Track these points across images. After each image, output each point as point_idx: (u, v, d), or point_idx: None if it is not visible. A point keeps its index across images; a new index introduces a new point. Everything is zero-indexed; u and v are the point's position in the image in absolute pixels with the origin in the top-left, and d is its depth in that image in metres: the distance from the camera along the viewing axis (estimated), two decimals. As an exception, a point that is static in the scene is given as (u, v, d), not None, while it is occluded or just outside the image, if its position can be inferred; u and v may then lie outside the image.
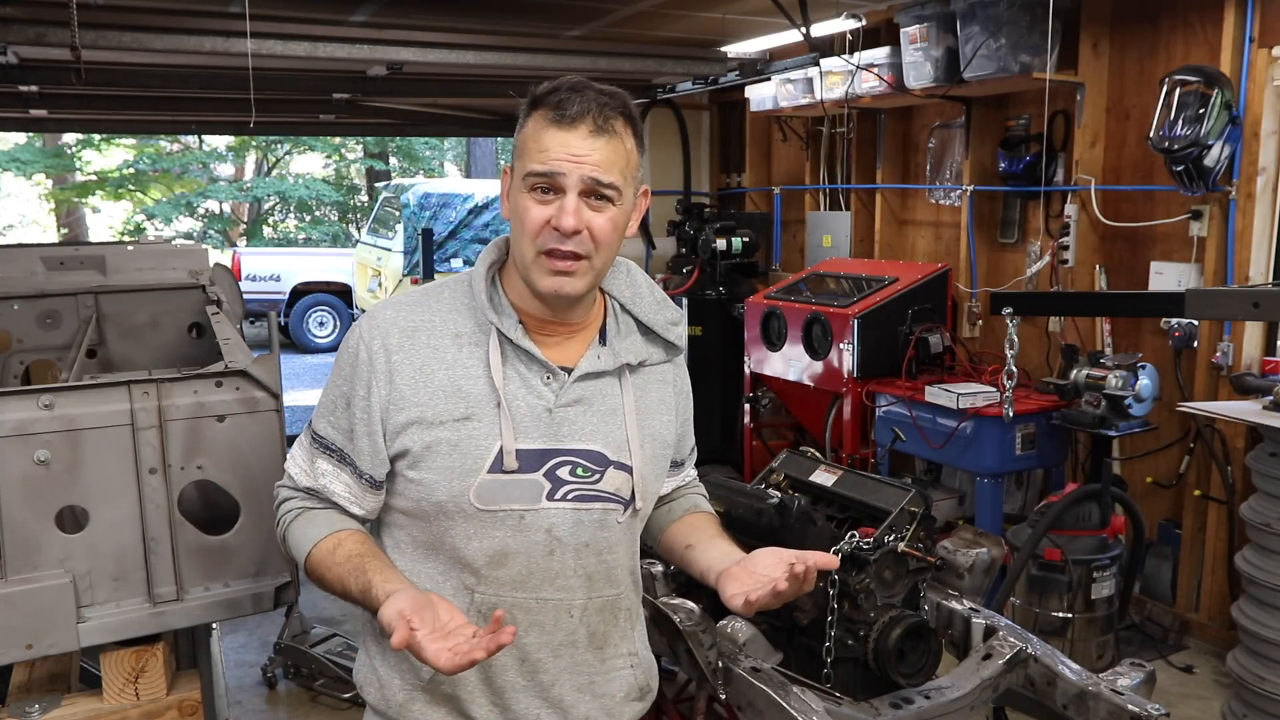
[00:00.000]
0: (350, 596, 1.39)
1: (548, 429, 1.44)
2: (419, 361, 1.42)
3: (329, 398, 1.48)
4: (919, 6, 4.68)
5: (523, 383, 1.44)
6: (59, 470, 1.72)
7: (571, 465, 1.44)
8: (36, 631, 1.71)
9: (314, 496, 1.49)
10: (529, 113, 1.41)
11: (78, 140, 17.32)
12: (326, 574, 1.43)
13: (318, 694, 3.83)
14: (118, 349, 2.86)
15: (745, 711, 1.93)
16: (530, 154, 1.38)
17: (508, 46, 5.07)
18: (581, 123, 1.36)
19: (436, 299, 1.48)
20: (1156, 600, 4.33)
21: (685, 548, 1.62)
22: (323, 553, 1.43)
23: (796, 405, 5.46)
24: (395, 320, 1.44)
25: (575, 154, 1.36)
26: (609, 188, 1.38)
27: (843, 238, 5.85)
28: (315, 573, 1.45)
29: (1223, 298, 3.10)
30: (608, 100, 1.38)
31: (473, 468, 1.40)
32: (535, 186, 1.37)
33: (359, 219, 19.66)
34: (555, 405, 1.44)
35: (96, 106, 6.77)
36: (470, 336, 1.44)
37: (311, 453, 1.49)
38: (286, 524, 1.49)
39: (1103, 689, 1.91)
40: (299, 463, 1.50)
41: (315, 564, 1.44)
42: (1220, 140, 3.78)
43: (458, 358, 1.43)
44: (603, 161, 1.37)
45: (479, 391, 1.42)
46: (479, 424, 1.41)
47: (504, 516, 1.42)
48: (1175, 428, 4.23)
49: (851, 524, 2.18)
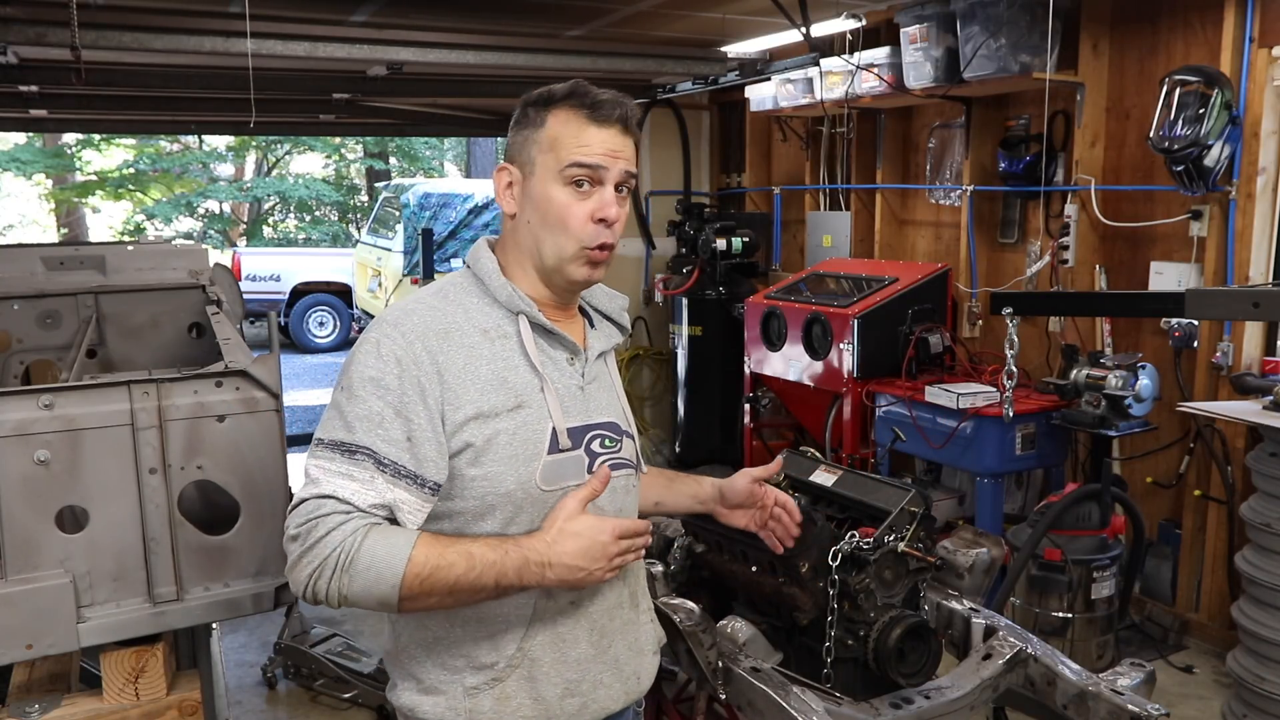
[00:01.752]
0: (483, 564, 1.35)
1: (581, 405, 1.53)
2: (462, 360, 1.44)
3: (366, 410, 1.38)
4: (919, 6, 4.68)
5: (554, 366, 1.52)
6: (59, 470, 1.72)
7: (601, 437, 1.54)
8: (36, 631, 1.71)
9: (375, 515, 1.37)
10: (548, 110, 1.48)
11: (78, 140, 17.32)
12: (442, 560, 1.33)
13: (318, 694, 3.83)
14: (118, 349, 2.86)
15: (745, 711, 1.94)
16: (569, 148, 1.46)
17: (508, 46, 5.07)
18: (616, 121, 1.48)
19: (447, 301, 1.50)
20: (1156, 600, 4.33)
21: (655, 504, 1.83)
22: (427, 545, 1.34)
23: (796, 405, 5.47)
24: (427, 324, 1.45)
25: (614, 149, 1.48)
26: (633, 179, 1.54)
27: (843, 238, 5.85)
28: (425, 568, 1.32)
29: (1223, 298, 3.10)
30: (628, 104, 1.51)
31: (534, 452, 1.45)
32: (575, 179, 1.47)
33: (359, 219, 19.67)
34: (584, 383, 1.54)
35: (96, 106, 6.76)
36: (496, 330, 1.49)
37: (363, 470, 1.37)
38: (356, 545, 1.32)
39: (1103, 689, 1.91)
40: (346, 485, 1.36)
41: (422, 561, 1.32)
42: (1220, 140, 3.78)
43: (494, 351, 1.47)
44: (631, 157, 1.52)
45: (522, 380, 1.47)
46: (530, 410, 1.46)
47: (561, 494, 1.47)
48: (1175, 428, 4.23)
49: (851, 524, 2.18)
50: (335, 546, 1.32)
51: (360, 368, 1.41)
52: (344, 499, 1.35)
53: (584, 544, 1.39)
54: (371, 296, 11.20)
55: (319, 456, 1.39)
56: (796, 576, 2.00)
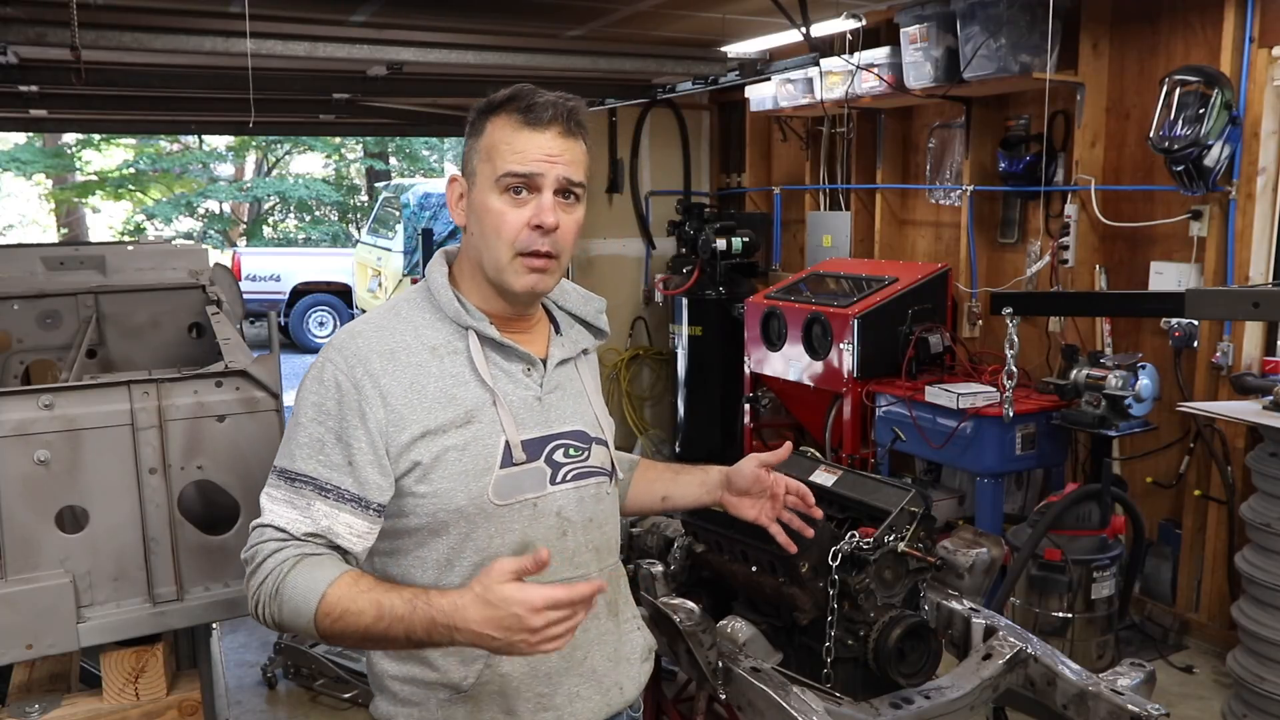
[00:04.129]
0: (391, 616, 1.29)
1: (540, 416, 1.49)
2: (407, 380, 1.41)
3: (308, 436, 1.40)
4: (919, 6, 4.68)
5: (508, 378, 1.48)
6: (59, 470, 1.72)
7: (564, 447, 1.51)
8: (36, 631, 1.71)
9: (311, 543, 1.38)
10: (487, 118, 1.44)
11: (78, 140, 17.31)
12: (352, 606, 1.30)
13: (318, 694, 3.83)
14: (118, 349, 2.86)
15: (745, 711, 1.94)
16: (503, 155, 1.41)
17: (508, 46, 5.06)
18: (553, 125, 1.42)
19: (397, 319, 1.47)
20: (1156, 600, 4.33)
21: (662, 499, 1.79)
22: (343, 587, 1.32)
23: (796, 405, 5.46)
24: (370, 346, 1.42)
25: (550, 154, 1.41)
26: (578, 186, 1.46)
27: (843, 238, 5.85)
28: (335, 610, 1.30)
29: (1223, 298, 3.10)
30: (572, 104, 1.44)
31: (485, 466, 1.43)
32: (510, 188, 1.41)
33: (359, 219, 19.65)
34: (542, 393, 1.50)
35: (96, 106, 6.76)
36: (446, 346, 1.46)
37: (301, 499, 1.38)
38: (282, 575, 1.33)
39: (1103, 689, 1.91)
40: (286, 515, 1.38)
41: (334, 602, 1.31)
42: (1220, 140, 3.78)
43: (442, 368, 1.44)
44: (573, 162, 1.44)
45: (472, 395, 1.44)
46: (481, 424, 1.43)
47: (519, 508, 1.45)
48: (1175, 428, 4.23)
49: (851, 524, 2.18)
50: (267, 574, 1.35)
51: (305, 394, 1.43)
52: (280, 528, 1.37)
53: (495, 615, 1.24)
54: (371, 296, 11.19)
55: (269, 485, 1.42)
56: (796, 576, 2.00)
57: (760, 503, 1.74)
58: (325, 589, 1.31)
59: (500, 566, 1.26)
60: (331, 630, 1.32)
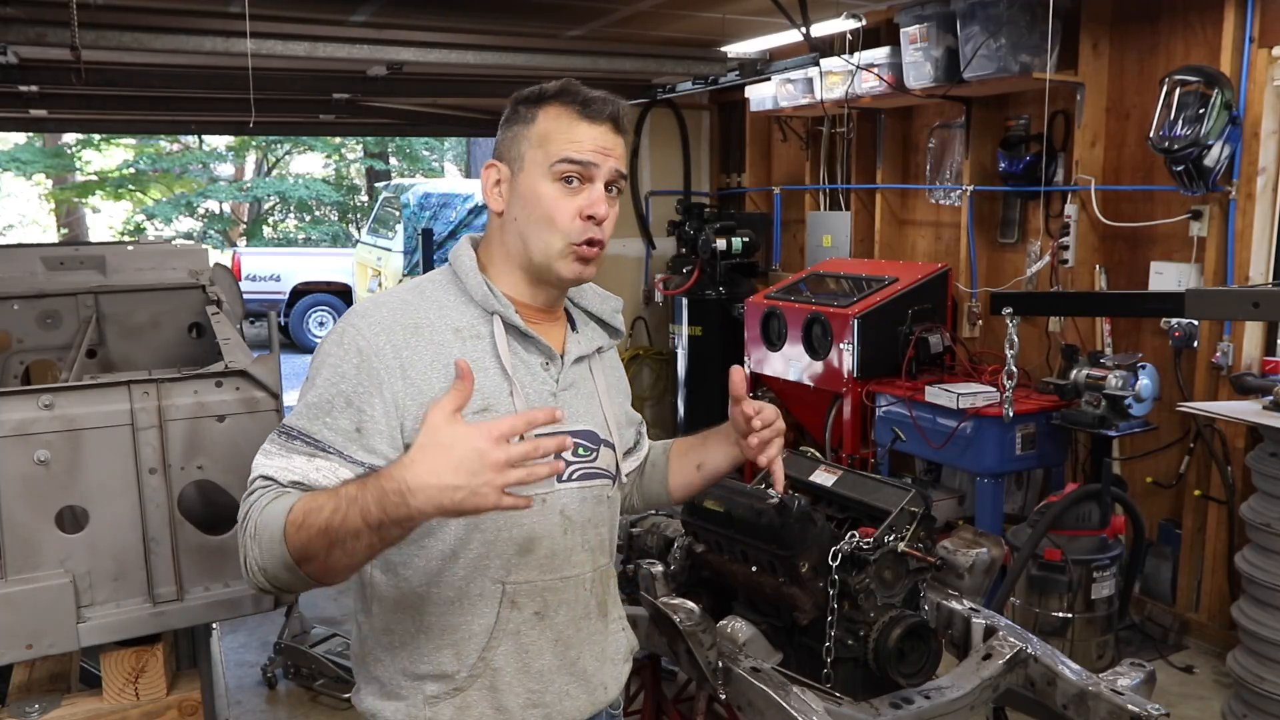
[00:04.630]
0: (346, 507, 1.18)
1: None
2: (428, 357, 1.40)
3: (320, 397, 1.36)
4: (919, 6, 4.68)
5: (527, 370, 1.48)
6: (59, 470, 1.72)
7: (574, 446, 1.50)
8: (36, 631, 1.71)
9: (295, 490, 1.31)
10: (538, 106, 1.47)
11: (78, 140, 17.31)
12: (316, 514, 1.20)
13: (318, 694, 3.82)
14: (118, 349, 2.86)
15: (745, 711, 1.93)
16: (560, 143, 1.43)
17: (508, 46, 5.07)
18: (607, 120, 1.46)
19: (422, 296, 1.47)
20: (1156, 600, 4.33)
21: (698, 468, 1.73)
22: (305, 501, 1.24)
23: (796, 405, 5.46)
24: (395, 318, 1.41)
25: (605, 147, 1.45)
26: (624, 179, 1.51)
27: (843, 238, 5.85)
28: (302, 523, 1.21)
29: (1223, 298, 3.10)
30: (619, 103, 1.48)
31: None
32: (565, 175, 1.43)
33: (359, 219, 19.66)
34: (558, 389, 1.50)
35: (96, 106, 6.76)
36: (470, 329, 1.45)
37: (291, 451, 1.33)
38: (262, 507, 1.27)
39: (1103, 689, 1.91)
40: (275, 464, 1.32)
41: (299, 514, 1.22)
42: (1220, 140, 3.78)
43: (464, 351, 1.43)
44: (622, 157, 1.49)
45: (491, 383, 1.43)
46: (497, 414, 1.41)
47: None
48: (1175, 428, 4.23)
49: (851, 524, 2.18)
50: (247, 517, 1.28)
51: (323, 355, 1.40)
52: (269, 476, 1.31)
53: (450, 459, 1.12)
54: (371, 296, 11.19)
55: (265, 444, 1.36)
56: (796, 576, 2.00)
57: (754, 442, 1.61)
58: (291, 505, 1.24)
59: (434, 414, 1.16)
60: (298, 541, 1.21)
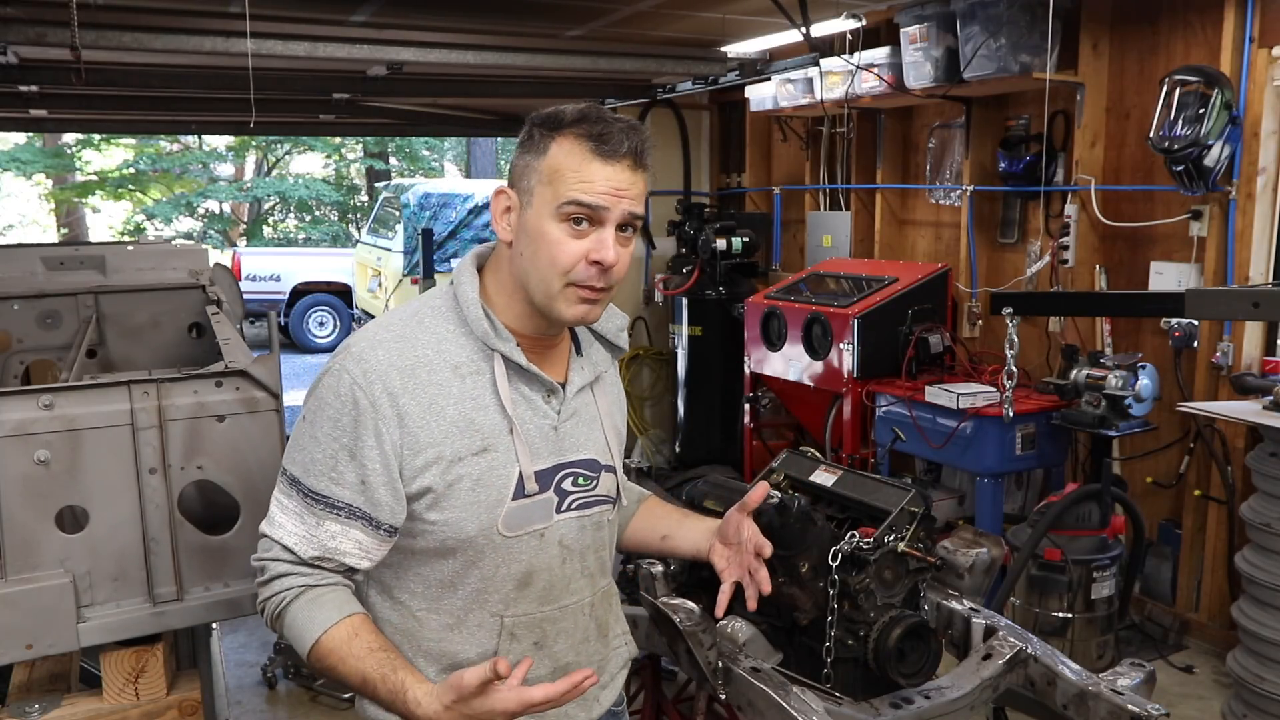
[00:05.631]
0: (370, 690, 1.34)
1: (554, 445, 1.47)
2: (426, 400, 1.37)
3: (323, 453, 1.37)
4: (919, 6, 4.68)
5: (528, 405, 1.45)
6: (59, 470, 1.72)
7: (574, 476, 1.49)
8: (36, 631, 1.71)
9: (315, 568, 1.39)
10: (552, 136, 1.38)
11: (78, 140, 17.32)
12: (341, 665, 1.34)
13: (318, 694, 3.83)
14: (118, 349, 2.86)
15: (745, 711, 1.93)
16: (570, 183, 1.35)
17: (508, 46, 5.06)
18: (624, 157, 1.37)
19: (420, 330, 1.42)
20: (1156, 600, 4.33)
21: (662, 539, 1.74)
22: (337, 641, 1.35)
23: (796, 405, 5.47)
24: (390, 361, 1.37)
25: (619, 188, 1.37)
26: (639, 219, 1.41)
27: (843, 238, 5.85)
28: (326, 660, 1.36)
29: (1223, 298, 3.10)
30: (642, 136, 1.39)
31: (498, 499, 1.40)
32: (572, 217, 1.36)
33: (359, 219, 19.66)
34: (559, 421, 1.48)
35: (96, 106, 6.76)
36: (469, 366, 1.41)
37: (312, 515, 1.38)
38: (284, 603, 1.38)
39: (1103, 689, 1.91)
40: (294, 532, 1.38)
41: (327, 652, 1.35)
42: (1220, 140, 3.78)
43: (463, 390, 1.40)
44: (638, 196, 1.40)
45: (491, 422, 1.41)
46: (497, 454, 1.40)
47: (527, 539, 1.44)
48: (1175, 428, 4.23)
49: (851, 524, 2.18)
50: (273, 594, 1.39)
51: (320, 403, 1.39)
52: (289, 547, 1.38)
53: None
54: (371, 296, 11.19)
55: (281, 490, 1.41)
56: (796, 576, 2.00)
57: (732, 554, 1.67)
58: (320, 635, 1.35)
59: (468, 678, 1.26)
60: (318, 664, 1.37)
